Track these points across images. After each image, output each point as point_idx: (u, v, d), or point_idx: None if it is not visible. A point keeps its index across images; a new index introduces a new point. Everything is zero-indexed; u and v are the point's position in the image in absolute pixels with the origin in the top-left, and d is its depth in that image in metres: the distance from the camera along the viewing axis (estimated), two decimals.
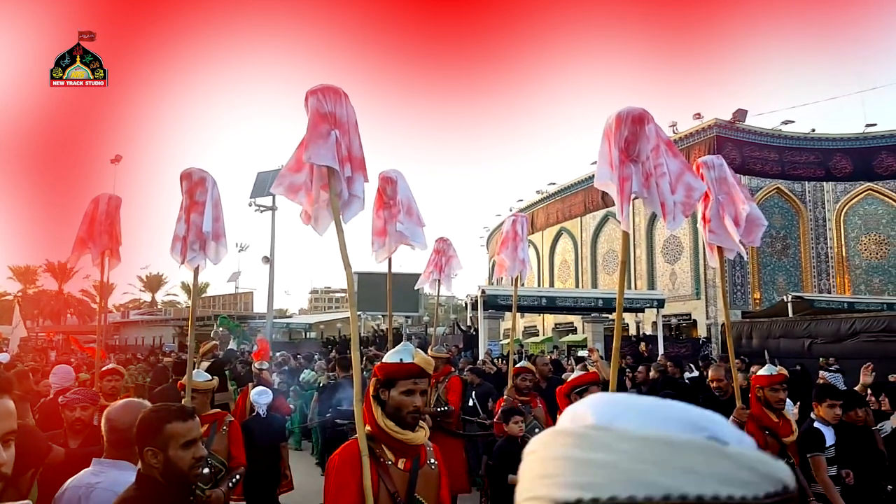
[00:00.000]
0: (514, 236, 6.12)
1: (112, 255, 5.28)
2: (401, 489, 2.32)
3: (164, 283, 65.21)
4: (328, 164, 2.88)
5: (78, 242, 5.14)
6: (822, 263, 24.90)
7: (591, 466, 0.45)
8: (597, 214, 30.47)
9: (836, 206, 24.95)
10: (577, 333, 27.85)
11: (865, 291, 24.00)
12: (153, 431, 2.13)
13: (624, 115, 3.12)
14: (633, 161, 3.17)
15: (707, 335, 22.32)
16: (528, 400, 5.70)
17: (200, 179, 4.14)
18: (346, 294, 27.81)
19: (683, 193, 3.26)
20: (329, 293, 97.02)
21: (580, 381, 3.69)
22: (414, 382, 2.36)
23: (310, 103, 2.92)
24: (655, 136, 3.17)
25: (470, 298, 19.61)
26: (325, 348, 21.19)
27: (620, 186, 3.15)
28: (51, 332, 30.78)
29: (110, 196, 5.32)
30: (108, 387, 5.45)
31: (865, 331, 13.17)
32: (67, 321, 52.99)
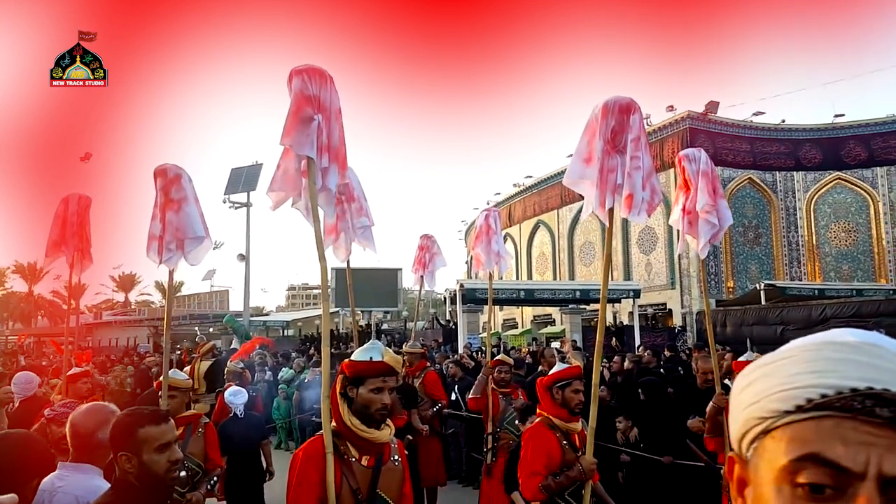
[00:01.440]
0: (487, 230, 6.12)
1: (83, 256, 5.14)
2: (363, 486, 2.34)
3: (138, 283, 64.09)
4: (307, 153, 2.76)
5: (52, 245, 5.01)
6: (794, 251, 25.39)
7: (872, 368, 0.58)
8: (573, 207, 30.64)
9: (807, 195, 25.44)
10: (555, 325, 28.00)
11: (835, 278, 24.54)
12: (126, 436, 2.10)
13: (611, 105, 3.10)
14: (619, 152, 3.14)
15: (682, 324, 22.62)
16: (510, 391, 5.69)
17: (176, 176, 3.99)
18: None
19: (650, 193, 3.22)
20: (306, 290, 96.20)
21: (564, 374, 3.62)
22: (383, 380, 2.38)
23: (294, 84, 2.76)
24: (638, 128, 3.15)
25: (449, 292, 19.58)
26: (303, 346, 20.99)
27: (603, 178, 3.10)
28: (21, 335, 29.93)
29: (80, 196, 5.18)
30: (83, 389, 5.28)
31: (836, 317, 13.47)
32: (38, 323, 51.97)
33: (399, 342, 18.55)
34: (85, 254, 5.14)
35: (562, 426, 3.47)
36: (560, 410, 3.50)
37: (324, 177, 2.86)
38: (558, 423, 3.48)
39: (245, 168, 25.28)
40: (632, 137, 3.11)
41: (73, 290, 5.86)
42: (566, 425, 3.48)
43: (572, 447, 3.46)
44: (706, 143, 22.79)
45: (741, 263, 24.72)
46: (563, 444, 3.44)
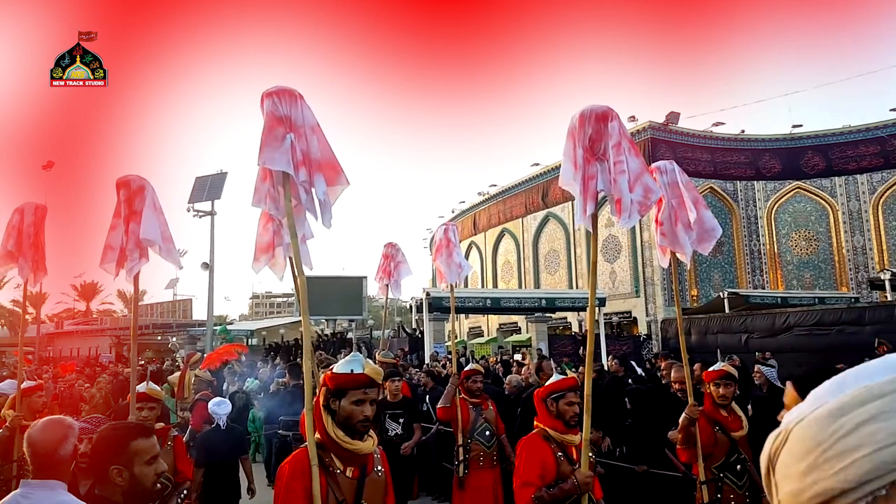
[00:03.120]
0: (447, 243, 6.30)
1: (38, 267, 4.99)
2: (349, 497, 2.38)
3: (100, 292, 62.72)
4: (282, 168, 2.85)
5: (4, 255, 4.86)
6: (756, 260, 25.95)
7: None
8: (538, 215, 30.83)
9: (767, 204, 26.07)
10: (521, 333, 28.02)
11: (797, 286, 25.15)
12: (118, 449, 2.11)
13: (587, 114, 3.17)
14: (598, 159, 3.19)
15: (647, 332, 22.82)
16: (479, 402, 5.62)
17: (139, 188, 3.98)
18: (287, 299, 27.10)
19: (641, 193, 3.25)
20: (270, 298, 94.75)
21: (558, 386, 3.57)
22: (364, 392, 2.41)
23: (265, 106, 2.89)
24: (618, 134, 3.18)
25: (415, 301, 19.36)
26: (267, 355, 20.48)
27: (585, 185, 3.15)
28: None
29: (36, 205, 5.03)
30: (37, 404, 5.13)
31: (799, 325, 13.70)
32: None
33: (367, 350, 18.24)
34: (39, 264, 4.99)
35: (557, 438, 3.43)
36: (555, 422, 3.47)
37: (308, 190, 2.97)
38: (554, 434, 3.44)
39: (209, 177, 24.84)
40: (612, 143, 3.15)
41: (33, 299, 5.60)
42: (562, 437, 3.43)
43: (569, 460, 3.40)
44: (667, 153, 23.17)
45: (705, 272, 25.13)
46: (559, 457, 3.38)
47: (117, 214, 3.99)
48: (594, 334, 3.70)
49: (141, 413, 4.28)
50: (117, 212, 3.99)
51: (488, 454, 5.42)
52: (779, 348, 12.82)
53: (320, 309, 20.79)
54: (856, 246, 25.07)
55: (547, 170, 29.72)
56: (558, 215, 29.57)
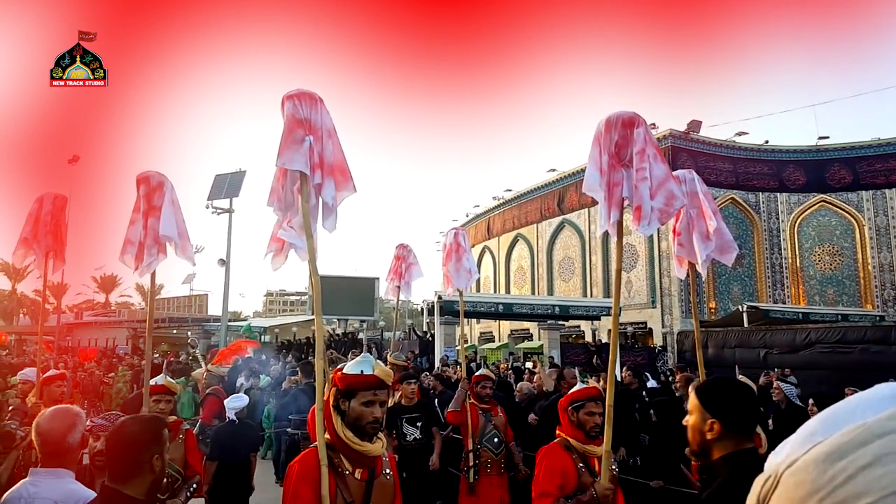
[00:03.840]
0: (457, 248, 6.30)
1: (56, 256, 5.10)
2: (357, 499, 2.37)
3: (119, 284, 64.27)
4: (300, 168, 2.90)
5: (21, 242, 4.98)
6: (777, 274, 25.49)
7: None
8: (553, 221, 30.62)
9: (790, 217, 25.61)
10: (532, 340, 27.81)
11: (820, 302, 24.66)
12: (158, 438, 2.22)
13: (614, 120, 3.17)
14: (624, 166, 3.17)
15: (663, 344, 22.50)
16: (489, 408, 5.59)
17: (159, 184, 4.09)
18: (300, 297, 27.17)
19: (663, 201, 3.22)
20: (284, 296, 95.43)
21: (578, 395, 3.52)
22: (374, 394, 2.40)
23: (285, 108, 2.94)
24: (643, 140, 3.16)
25: (426, 304, 19.24)
26: (279, 352, 20.52)
27: (609, 192, 3.14)
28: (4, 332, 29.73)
29: (55, 195, 5.15)
30: (56, 393, 5.19)
31: (821, 342, 13.37)
32: (20, 321, 51.69)
33: (378, 352, 18.17)
34: (59, 254, 5.09)
35: (579, 448, 3.36)
36: (576, 432, 3.41)
37: (318, 192, 3.01)
38: (575, 444, 3.36)
39: (228, 175, 25.28)
40: (637, 150, 3.14)
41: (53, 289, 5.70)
42: (584, 447, 3.36)
43: (590, 471, 3.31)
44: (688, 162, 22.87)
45: (724, 284, 24.74)
46: (580, 467, 3.30)
47: (136, 210, 4.10)
48: (608, 344, 3.58)
49: (158, 405, 4.38)
50: (136, 207, 4.10)
51: (496, 461, 5.39)
52: (798, 365, 12.51)
53: (332, 308, 20.80)
54: (882, 262, 24.53)
55: (563, 176, 29.52)
56: (574, 222, 29.33)
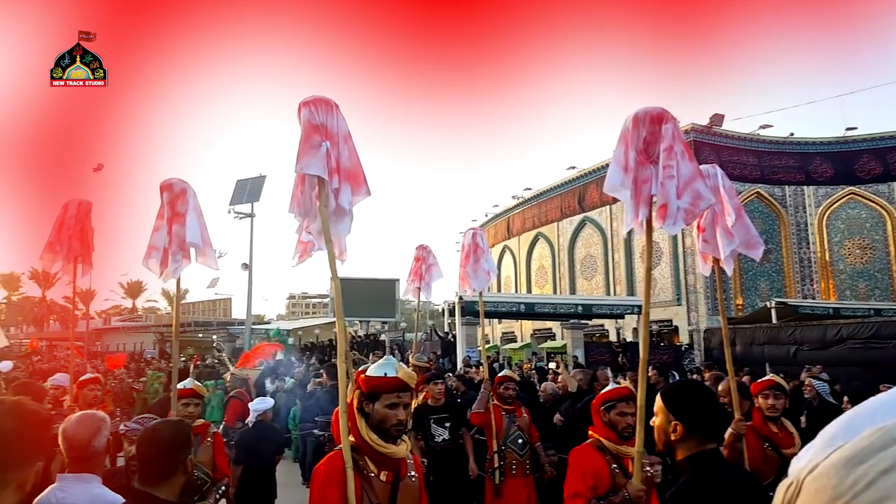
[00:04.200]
0: (475, 249, 6.26)
1: (84, 261, 5.19)
2: (383, 501, 2.37)
3: (145, 290, 65.75)
4: (318, 173, 2.95)
5: (47, 247, 5.08)
6: (805, 268, 24.94)
7: None
8: (574, 219, 30.37)
9: (818, 210, 25.04)
10: (555, 339, 27.61)
11: (851, 297, 24.00)
12: (189, 440, 2.32)
13: (642, 116, 3.14)
14: (653, 163, 3.14)
15: (689, 341, 22.17)
16: (513, 409, 5.57)
17: (182, 191, 4.17)
18: (322, 299, 27.43)
19: (689, 200, 3.16)
20: (306, 298, 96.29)
21: (609, 395, 3.49)
22: (398, 396, 2.41)
23: (302, 114, 3.00)
24: (671, 137, 3.12)
25: (447, 304, 19.23)
26: (303, 354, 20.70)
27: (637, 189, 3.12)
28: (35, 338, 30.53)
29: (80, 201, 5.23)
30: (89, 396, 5.28)
31: (853, 337, 13.06)
32: (50, 327, 53.13)
33: (399, 353, 18.21)
34: (86, 259, 5.17)
35: (612, 449, 3.33)
36: (609, 433, 3.39)
37: (337, 196, 3.05)
38: (608, 445, 3.34)
39: (249, 180, 25.65)
40: (664, 147, 3.11)
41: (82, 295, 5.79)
42: (617, 448, 3.33)
43: (624, 472, 3.27)
44: (711, 156, 22.51)
45: (750, 280, 24.28)
46: (613, 468, 3.27)
47: (160, 216, 4.17)
48: (634, 343, 3.49)
49: (187, 409, 4.44)
50: (160, 213, 4.17)
51: (521, 462, 5.37)
52: (830, 361, 12.22)
53: (353, 310, 20.92)
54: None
55: (584, 173, 29.25)
56: (595, 220, 29.05)
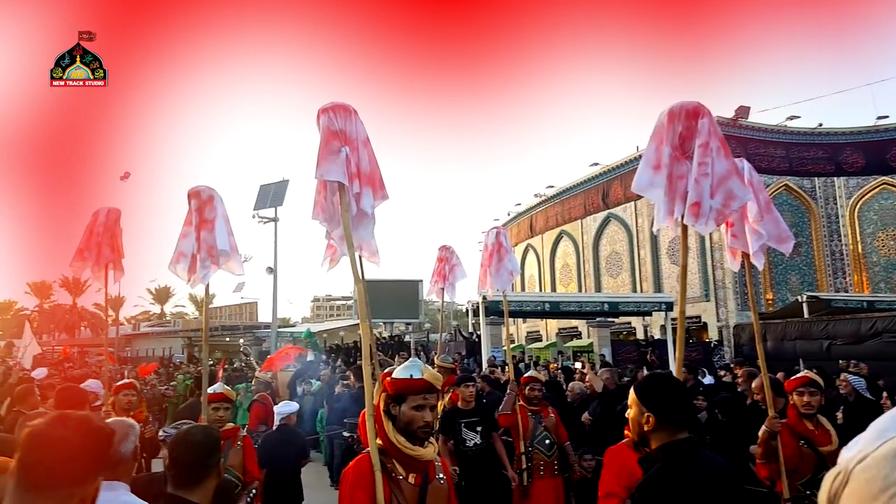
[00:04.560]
0: (498, 248, 6.21)
1: (115, 267, 5.27)
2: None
3: (173, 295, 66.80)
4: (338, 179, 2.98)
5: (77, 254, 5.15)
6: (837, 261, 24.37)
7: None
8: (598, 216, 30.09)
9: (849, 201, 24.44)
10: (581, 338, 27.39)
11: (885, 290, 23.36)
12: (219, 444, 2.37)
13: (677, 110, 3.10)
14: (688, 158, 3.09)
15: (718, 338, 21.83)
16: (539, 409, 5.56)
17: (209, 198, 4.23)
18: (346, 301, 27.58)
19: (721, 200, 3.11)
20: (330, 301, 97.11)
21: None
22: (424, 398, 2.41)
23: (321, 121, 3.04)
24: (707, 133, 3.07)
25: (471, 304, 19.17)
26: (328, 357, 20.84)
27: (672, 185, 3.07)
28: (67, 345, 31.32)
29: (109, 209, 5.31)
30: (123, 401, 5.33)
31: (888, 330, 12.74)
32: (81, 334, 54.26)
33: (424, 353, 18.22)
34: (117, 265, 5.25)
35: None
36: None
37: (358, 201, 3.08)
38: None
39: (273, 184, 25.93)
40: (699, 143, 3.05)
41: (111, 302, 5.93)
42: None
43: None
44: (737, 149, 22.11)
45: (780, 274, 23.81)
46: None
47: (188, 223, 4.23)
48: (661, 340, 3.43)
49: (217, 413, 4.46)
50: (188, 220, 4.23)
51: (549, 462, 5.34)
52: (865, 355, 11.91)
53: (377, 312, 21.01)
54: None
55: (607, 169, 28.97)
56: (620, 216, 28.76)
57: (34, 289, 61.56)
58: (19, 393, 5.57)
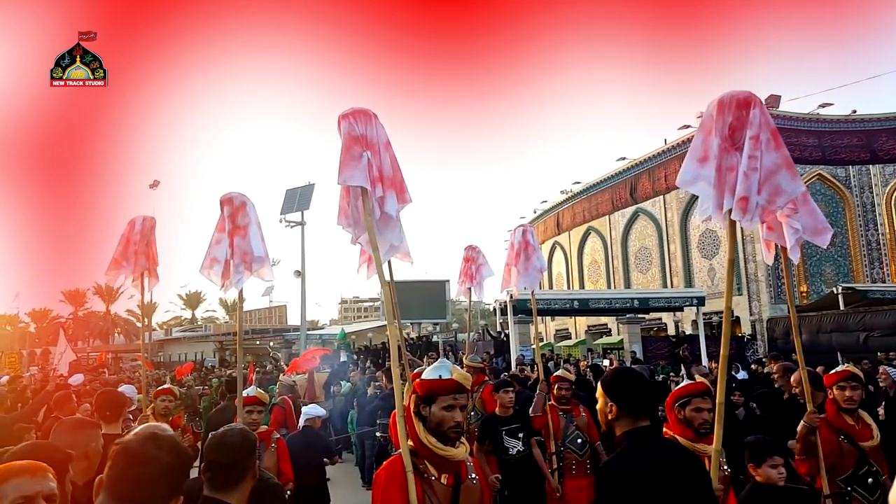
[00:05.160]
0: (525, 246, 6.13)
1: (150, 274, 5.36)
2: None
3: (203, 300, 67.71)
4: (360, 184, 2.98)
5: (112, 262, 5.22)
6: (874, 251, 23.72)
7: None
8: (626, 212, 29.78)
9: (886, 189, 23.77)
10: (611, 335, 27.14)
11: None
12: (256, 447, 2.39)
13: (727, 100, 3.01)
14: (738, 149, 3.00)
15: (751, 332, 21.43)
16: (570, 409, 5.49)
17: (242, 204, 4.28)
18: (373, 303, 27.83)
19: (766, 197, 3.02)
20: (357, 303, 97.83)
21: (684, 391, 3.35)
22: (454, 398, 2.41)
23: (342, 127, 3.04)
24: (758, 124, 2.98)
25: (499, 304, 19.14)
26: (357, 358, 21.01)
27: (720, 177, 2.98)
28: (103, 351, 32.19)
29: (145, 217, 5.40)
30: (160, 407, 5.42)
31: None
32: (115, 340, 55.47)
33: (454, 354, 18.23)
34: (152, 272, 5.34)
35: (689, 447, 3.14)
36: (685, 430, 3.27)
37: (382, 205, 3.08)
38: (684, 443, 3.17)
39: (299, 189, 26.14)
40: (750, 135, 2.96)
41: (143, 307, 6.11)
42: (693, 446, 3.16)
43: None
44: None
45: (814, 266, 23.27)
46: None
47: (221, 229, 4.27)
48: (693, 335, 3.37)
49: (251, 416, 4.51)
50: (221, 226, 4.28)
51: (581, 462, 5.28)
52: None
53: (404, 313, 21.09)
54: None
55: (635, 163, 28.63)
56: (649, 210, 28.41)
57: (68, 297, 63.02)
58: (57, 399, 5.66)
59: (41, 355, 22.99)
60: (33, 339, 53.04)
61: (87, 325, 58.09)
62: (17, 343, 46.76)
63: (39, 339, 50.66)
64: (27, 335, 54.98)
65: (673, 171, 26.00)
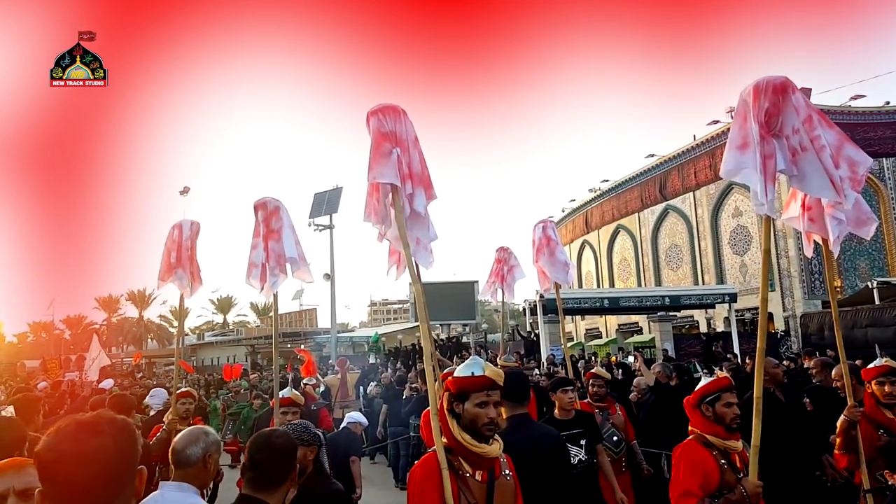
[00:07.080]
0: (547, 242, 6.01)
1: (195, 279, 5.38)
2: (480, 500, 2.39)
3: (234, 305, 68.28)
4: (391, 181, 2.97)
5: (166, 269, 5.22)
6: None
7: None
8: (655, 209, 29.47)
9: None
10: (643, 334, 26.90)
11: None
12: (296, 451, 2.46)
13: (763, 85, 2.91)
14: (775, 136, 2.91)
15: (785, 328, 21.07)
16: (606, 406, 5.48)
17: (275, 209, 4.33)
18: (402, 305, 28.17)
19: (847, 168, 2.95)
20: (386, 305, 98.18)
21: (710, 388, 3.25)
22: (487, 395, 2.43)
23: (371, 124, 3.03)
24: (805, 107, 2.91)
25: (528, 304, 19.14)
26: (388, 359, 21.20)
27: (763, 166, 2.86)
28: (137, 356, 33.00)
29: (192, 222, 5.44)
30: (181, 409, 5.50)
31: None
32: (148, 345, 56.36)
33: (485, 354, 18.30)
34: (196, 276, 5.38)
35: (719, 444, 3.11)
36: (715, 427, 3.15)
37: (411, 202, 3.07)
38: (714, 441, 3.12)
39: (327, 192, 26.28)
40: (803, 118, 2.90)
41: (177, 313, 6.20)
42: (724, 443, 3.11)
43: (733, 468, 3.08)
44: None
45: (849, 260, 22.77)
46: (722, 464, 3.06)
47: (256, 234, 4.34)
48: (725, 332, 3.39)
49: (286, 417, 4.57)
50: (256, 231, 4.34)
51: (617, 460, 5.23)
52: None
53: (434, 314, 21.21)
54: None
55: (663, 160, 28.33)
56: (679, 207, 28.09)
57: (102, 303, 63.95)
58: (93, 405, 5.87)
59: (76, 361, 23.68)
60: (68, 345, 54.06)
61: (121, 330, 58.91)
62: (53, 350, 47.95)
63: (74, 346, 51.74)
64: (62, 342, 55.92)
65: (702, 167, 25.66)
